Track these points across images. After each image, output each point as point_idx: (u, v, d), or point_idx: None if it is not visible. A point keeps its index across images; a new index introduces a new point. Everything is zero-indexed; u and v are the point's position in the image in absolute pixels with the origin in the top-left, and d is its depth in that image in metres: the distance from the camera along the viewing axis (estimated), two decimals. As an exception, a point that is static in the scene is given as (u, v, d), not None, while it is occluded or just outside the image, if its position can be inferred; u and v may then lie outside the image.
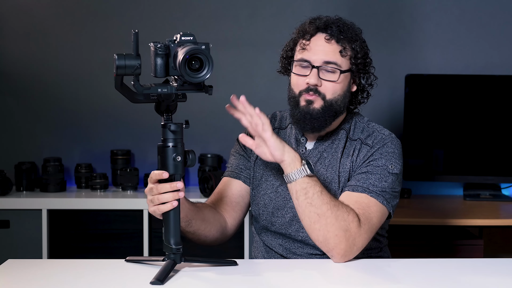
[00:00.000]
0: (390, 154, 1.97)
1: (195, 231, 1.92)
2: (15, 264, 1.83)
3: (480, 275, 1.76)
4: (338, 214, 1.82)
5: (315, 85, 1.95)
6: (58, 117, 3.46)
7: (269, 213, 2.03)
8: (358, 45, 1.99)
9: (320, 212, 1.82)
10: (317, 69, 1.95)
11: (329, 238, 1.82)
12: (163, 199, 1.72)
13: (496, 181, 3.31)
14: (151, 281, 1.63)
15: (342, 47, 1.96)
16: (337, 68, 1.95)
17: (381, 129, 2.04)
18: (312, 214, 1.83)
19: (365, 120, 2.07)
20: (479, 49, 3.42)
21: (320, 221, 1.82)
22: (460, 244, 2.97)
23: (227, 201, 2.07)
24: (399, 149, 2.00)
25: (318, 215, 1.82)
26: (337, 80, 1.95)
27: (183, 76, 1.63)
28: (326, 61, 1.95)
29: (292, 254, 2.01)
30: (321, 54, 1.95)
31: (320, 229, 1.83)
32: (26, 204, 3.11)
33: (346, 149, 2.01)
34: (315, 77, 1.95)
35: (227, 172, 2.13)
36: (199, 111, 3.33)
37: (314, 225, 1.83)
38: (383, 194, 1.92)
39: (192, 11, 3.44)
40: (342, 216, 1.83)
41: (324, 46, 1.96)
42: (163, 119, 1.72)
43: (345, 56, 1.97)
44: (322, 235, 1.83)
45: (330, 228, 1.82)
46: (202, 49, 1.63)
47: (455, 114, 3.29)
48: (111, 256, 3.07)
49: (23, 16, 3.43)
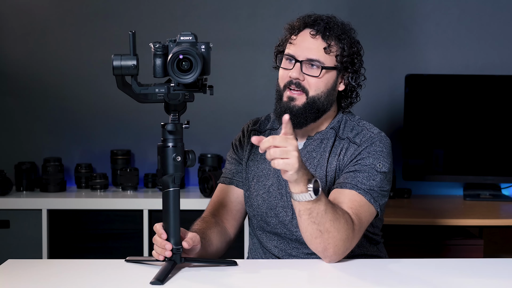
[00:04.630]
0: (378, 153, 1.95)
1: (203, 254, 1.92)
2: (15, 264, 1.83)
3: (480, 275, 1.76)
4: (339, 227, 1.81)
5: (296, 78, 1.95)
6: (58, 117, 3.46)
7: (263, 213, 2.03)
8: (346, 44, 1.98)
9: (323, 228, 1.80)
10: (300, 63, 1.95)
11: (329, 249, 1.82)
12: (156, 250, 1.77)
13: (496, 181, 3.31)
14: (151, 281, 1.63)
15: (327, 44, 1.97)
16: (320, 64, 1.95)
17: (371, 127, 2.02)
18: (314, 231, 1.80)
19: (356, 118, 2.06)
20: (479, 49, 3.42)
21: (322, 236, 1.80)
22: (460, 244, 2.97)
23: (227, 210, 2.08)
24: (387, 147, 1.98)
25: (321, 232, 1.80)
26: (319, 75, 1.95)
27: (170, 76, 1.64)
28: (308, 58, 1.96)
29: (288, 255, 2.01)
30: (304, 50, 1.97)
31: (321, 243, 1.81)
32: (26, 204, 3.11)
33: (334, 148, 2.01)
34: (298, 71, 1.96)
35: (222, 178, 2.14)
36: (199, 111, 3.32)
37: (315, 240, 1.81)
38: (371, 192, 1.91)
39: (192, 11, 3.44)
40: (343, 227, 1.81)
41: (309, 42, 1.97)
42: (170, 118, 1.72)
43: (329, 53, 1.97)
44: (322, 247, 1.82)
45: (331, 240, 1.81)
46: (190, 51, 1.63)
47: (455, 114, 3.29)
48: (111, 256, 3.07)
49: (23, 16, 3.43)
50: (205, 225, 1.97)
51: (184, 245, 1.75)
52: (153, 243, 1.77)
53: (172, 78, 1.64)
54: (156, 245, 1.76)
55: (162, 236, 1.74)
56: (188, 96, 1.71)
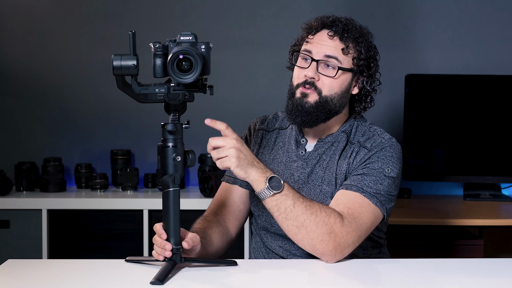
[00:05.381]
0: (387, 158, 1.95)
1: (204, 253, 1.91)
2: (15, 264, 1.83)
3: (480, 275, 1.76)
4: (317, 221, 1.80)
5: (312, 78, 1.94)
6: (58, 117, 3.46)
7: (268, 213, 2.02)
8: (364, 47, 1.97)
9: (298, 223, 1.80)
10: (317, 63, 1.94)
11: (315, 245, 1.81)
12: (156, 250, 1.77)
13: (496, 181, 3.31)
14: (151, 281, 1.63)
15: (345, 45, 1.95)
16: (337, 63, 1.94)
17: (382, 133, 2.02)
18: (290, 227, 1.82)
19: (367, 123, 2.05)
20: (479, 49, 3.42)
21: (300, 232, 1.81)
22: (460, 244, 2.97)
23: (230, 210, 2.08)
24: (398, 153, 1.98)
25: (297, 227, 1.81)
26: (335, 75, 1.94)
27: (170, 75, 1.64)
28: (326, 55, 1.94)
29: (292, 255, 2.01)
30: (322, 48, 1.95)
31: (303, 239, 1.82)
32: (26, 204, 3.11)
33: (345, 151, 2.00)
34: (313, 70, 1.94)
35: (226, 177, 2.14)
36: (199, 111, 3.32)
37: (296, 237, 1.82)
38: (377, 196, 1.90)
39: (192, 11, 3.44)
40: (323, 220, 1.81)
41: (327, 41, 1.96)
42: (170, 118, 1.72)
43: (346, 54, 1.96)
44: (308, 244, 1.82)
45: (313, 235, 1.80)
46: (190, 51, 1.63)
47: (455, 114, 3.29)
48: (111, 256, 3.07)
49: (23, 16, 3.43)
50: (206, 224, 1.97)
51: (184, 246, 1.75)
52: (153, 243, 1.77)
53: (172, 78, 1.64)
54: (156, 245, 1.76)
55: (162, 236, 1.73)
56: (188, 96, 1.71)
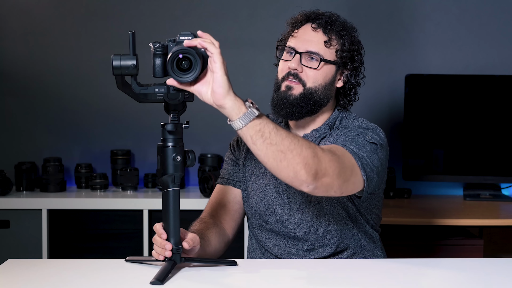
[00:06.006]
0: (367, 130, 1.92)
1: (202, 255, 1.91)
2: (15, 264, 1.83)
3: (480, 275, 1.76)
4: (302, 143, 1.69)
5: (295, 69, 1.95)
6: (58, 117, 3.46)
7: (261, 212, 2.04)
8: (347, 40, 1.98)
9: (283, 148, 1.66)
10: (300, 55, 1.96)
11: (299, 170, 1.68)
12: (156, 250, 1.76)
13: (496, 181, 3.31)
14: (151, 281, 1.63)
15: (327, 38, 1.97)
16: (319, 57, 1.95)
17: (366, 121, 2.01)
18: (276, 153, 1.66)
19: (352, 116, 2.05)
20: (479, 49, 3.42)
21: (286, 157, 1.66)
22: (460, 244, 2.97)
23: (226, 211, 2.08)
24: (380, 134, 1.94)
25: (283, 152, 1.66)
26: (318, 67, 1.95)
27: (170, 75, 1.64)
28: (308, 51, 1.96)
29: (287, 253, 2.02)
30: (305, 42, 1.97)
31: (288, 165, 1.67)
32: (26, 204, 3.11)
33: (327, 137, 2.00)
34: (297, 62, 1.96)
35: (220, 179, 2.14)
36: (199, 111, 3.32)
37: (281, 164, 1.67)
38: (359, 156, 1.83)
39: (192, 11, 3.44)
40: (307, 143, 1.70)
41: (310, 34, 1.98)
42: (169, 118, 1.72)
43: (329, 47, 1.97)
44: (292, 170, 1.68)
45: (298, 159, 1.67)
46: (190, 50, 1.63)
47: (455, 114, 3.29)
48: (111, 256, 3.07)
49: (23, 16, 3.43)
50: (203, 225, 1.97)
51: (185, 246, 1.75)
52: (153, 243, 1.77)
53: (172, 77, 1.64)
54: (156, 245, 1.76)
55: (162, 236, 1.74)
56: (188, 96, 1.71)
